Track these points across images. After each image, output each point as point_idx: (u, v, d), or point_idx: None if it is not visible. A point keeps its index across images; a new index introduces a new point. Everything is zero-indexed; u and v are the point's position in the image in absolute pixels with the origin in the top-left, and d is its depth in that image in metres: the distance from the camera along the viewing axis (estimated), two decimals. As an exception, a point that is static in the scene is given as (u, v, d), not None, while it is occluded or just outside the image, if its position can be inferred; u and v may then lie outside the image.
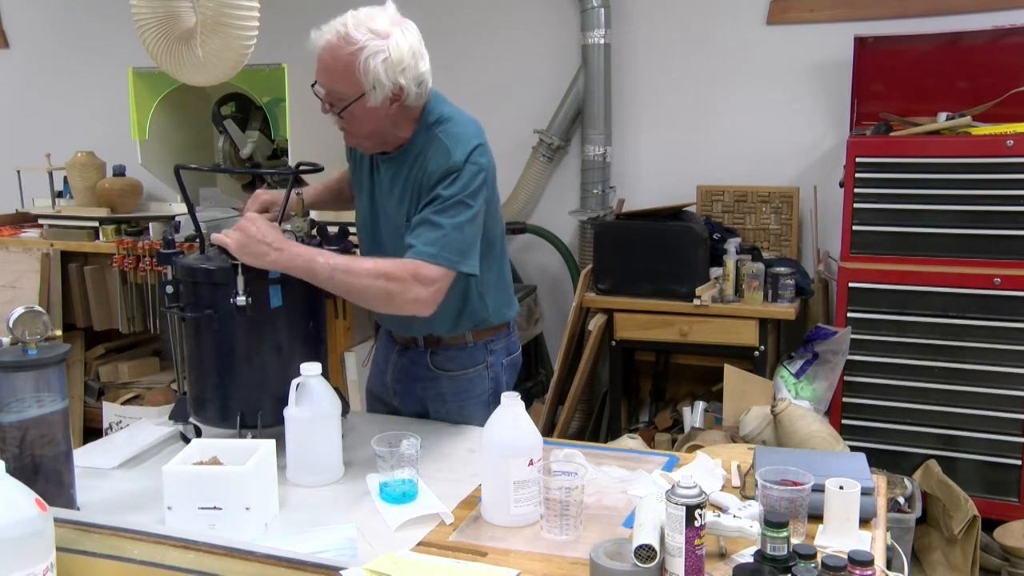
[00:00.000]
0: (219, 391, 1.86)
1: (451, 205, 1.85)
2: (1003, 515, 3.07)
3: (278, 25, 3.10)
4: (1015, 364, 3.05)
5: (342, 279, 1.80)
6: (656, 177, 3.91)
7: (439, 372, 2.10)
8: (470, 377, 2.11)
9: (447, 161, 1.88)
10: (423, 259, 1.82)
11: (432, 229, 1.84)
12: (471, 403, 2.11)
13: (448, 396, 2.11)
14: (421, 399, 2.14)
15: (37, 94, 4.90)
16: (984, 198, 3.03)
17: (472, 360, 2.10)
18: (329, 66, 1.86)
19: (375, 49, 1.82)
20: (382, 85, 1.83)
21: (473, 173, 1.89)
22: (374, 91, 1.84)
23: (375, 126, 1.92)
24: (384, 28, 1.84)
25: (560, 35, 3.94)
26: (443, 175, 1.87)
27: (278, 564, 1.28)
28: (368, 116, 1.89)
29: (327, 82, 1.88)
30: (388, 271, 1.81)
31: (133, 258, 3.61)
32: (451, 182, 1.87)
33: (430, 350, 2.09)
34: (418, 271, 1.81)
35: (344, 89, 1.86)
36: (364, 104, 1.86)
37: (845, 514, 1.50)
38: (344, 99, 1.87)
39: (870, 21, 3.46)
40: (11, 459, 1.47)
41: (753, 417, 3.01)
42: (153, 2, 2.51)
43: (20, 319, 1.53)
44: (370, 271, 1.81)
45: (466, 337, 2.08)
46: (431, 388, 2.11)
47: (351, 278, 1.80)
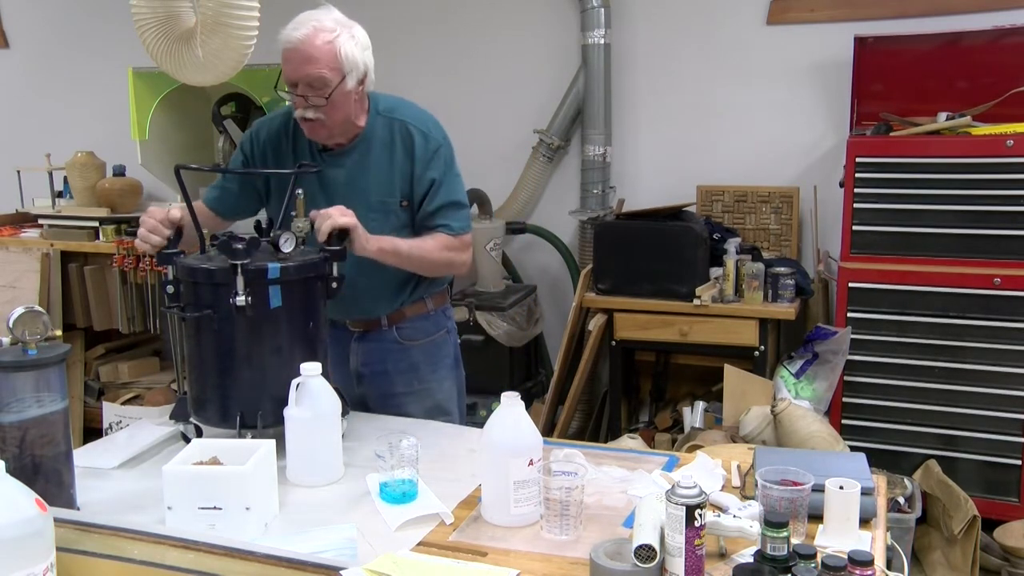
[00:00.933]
0: (219, 391, 1.86)
1: (454, 179, 2.16)
2: (1003, 515, 3.07)
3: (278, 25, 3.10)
4: (1015, 364, 3.05)
5: (418, 255, 2.10)
6: (656, 177, 3.91)
7: (408, 344, 2.25)
8: (436, 343, 2.30)
9: (429, 142, 2.12)
10: (461, 232, 2.15)
11: (456, 207, 2.15)
12: (440, 366, 2.30)
13: (420, 364, 2.26)
14: (390, 377, 2.24)
15: (37, 94, 4.90)
16: (984, 198, 3.03)
17: (436, 326, 2.30)
18: (312, 55, 1.99)
19: (347, 35, 2.02)
20: (356, 67, 2.03)
21: (449, 145, 2.17)
22: (351, 74, 2.02)
23: (347, 112, 2.07)
24: (344, 19, 2.06)
25: (560, 35, 3.94)
26: (432, 156, 2.12)
27: (278, 564, 1.28)
28: (344, 101, 2.04)
29: (313, 71, 2.00)
30: (447, 244, 2.14)
31: (133, 258, 3.61)
32: (442, 161, 2.13)
33: (395, 326, 2.24)
34: (464, 240, 2.17)
35: (328, 74, 2.00)
36: (343, 88, 2.02)
37: (845, 514, 1.50)
38: (328, 85, 2.00)
39: (870, 21, 3.46)
40: (11, 459, 1.47)
41: (753, 417, 3.01)
42: (153, 2, 2.51)
43: (20, 319, 1.53)
44: (436, 247, 2.12)
45: (427, 305, 2.27)
46: (402, 361, 2.24)
47: (423, 252, 2.11)
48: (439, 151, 2.13)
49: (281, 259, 1.85)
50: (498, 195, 3.98)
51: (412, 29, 4.16)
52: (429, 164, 2.11)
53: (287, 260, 1.85)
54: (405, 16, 4.15)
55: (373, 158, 2.13)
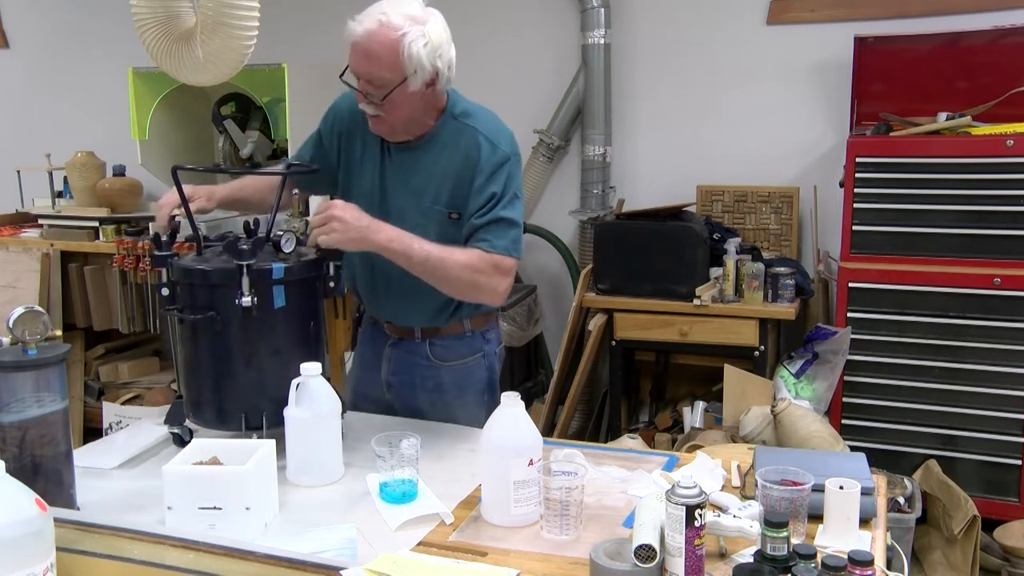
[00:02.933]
0: (219, 393, 1.86)
1: (511, 199, 1.97)
2: (1003, 515, 3.07)
3: (278, 25, 3.11)
4: (1015, 364, 3.05)
5: (435, 265, 1.89)
6: (656, 177, 3.90)
7: (438, 363, 2.12)
8: (468, 366, 2.14)
9: (497, 154, 1.97)
10: (502, 253, 1.94)
11: (505, 226, 1.95)
12: (469, 392, 2.14)
13: (447, 386, 2.13)
14: (417, 391, 2.14)
15: (37, 94, 4.90)
16: (984, 198, 3.03)
17: (470, 349, 2.13)
18: (372, 52, 1.88)
19: (416, 34, 1.87)
20: (423, 69, 1.89)
21: (517, 163, 2.02)
22: (415, 75, 1.89)
23: (410, 112, 1.96)
24: (420, 14, 1.91)
25: (560, 35, 3.94)
26: (497, 168, 1.96)
27: (278, 564, 1.28)
28: (406, 102, 1.92)
29: (370, 69, 1.89)
30: (474, 264, 1.92)
31: (133, 258, 3.61)
32: (505, 176, 1.97)
33: (428, 340, 2.11)
34: (500, 264, 1.94)
35: (387, 75, 1.88)
36: (405, 89, 1.90)
37: (845, 514, 1.50)
38: (386, 85, 1.89)
39: (870, 21, 3.46)
40: (11, 459, 1.47)
41: (753, 417, 3.01)
42: (153, 2, 2.51)
43: (20, 319, 1.53)
44: (460, 262, 1.91)
45: (464, 326, 2.12)
46: (430, 379, 2.13)
47: (444, 266, 1.90)
48: (504, 165, 1.97)
49: (283, 259, 1.85)
50: (498, 195, 3.98)
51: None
52: (491, 177, 1.96)
53: (289, 260, 1.85)
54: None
55: (434, 161, 2.01)
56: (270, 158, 4.00)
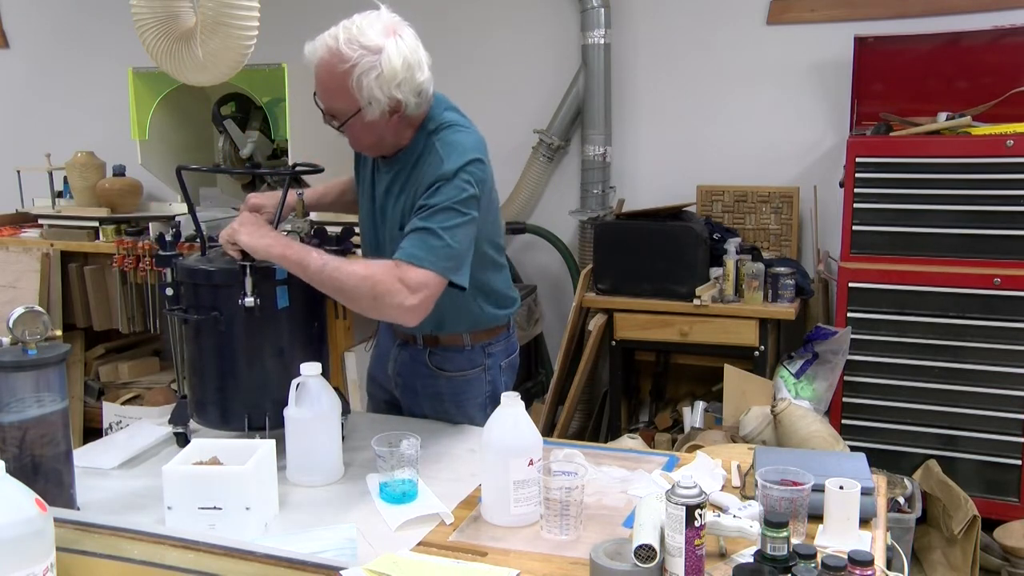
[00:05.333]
0: (222, 393, 1.86)
1: (439, 211, 1.81)
2: (1003, 515, 3.07)
3: (278, 25, 3.10)
4: (1015, 364, 3.05)
5: (331, 275, 1.76)
6: (656, 177, 3.90)
7: (437, 372, 2.09)
8: (468, 379, 2.10)
9: (438, 170, 1.84)
10: (410, 261, 1.76)
11: (425, 235, 1.79)
12: (468, 404, 2.11)
13: (446, 396, 2.11)
14: (419, 396, 2.14)
15: (37, 94, 4.90)
16: (984, 198, 3.03)
17: (470, 362, 2.09)
18: (324, 83, 1.85)
19: (367, 66, 1.78)
20: (377, 100, 1.81)
21: (464, 181, 1.84)
22: (370, 106, 1.82)
23: (377, 136, 1.91)
24: (376, 42, 1.80)
25: (560, 35, 3.94)
26: (433, 182, 1.84)
27: (278, 564, 1.28)
28: (368, 129, 1.88)
29: (324, 99, 1.87)
30: (375, 273, 1.76)
31: (133, 258, 3.61)
32: (439, 190, 1.83)
33: (428, 349, 2.08)
34: (404, 274, 1.76)
35: (341, 106, 1.84)
36: (362, 119, 1.85)
37: (845, 514, 1.50)
38: (342, 115, 1.86)
39: (870, 21, 3.46)
40: (11, 459, 1.47)
41: (753, 417, 3.01)
42: (153, 2, 2.51)
43: (20, 319, 1.53)
44: (357, 272, 1.76)
45: (463, 339, 2.07)
46: (429, 387, 2.11)
47: (340, 276, 1.76)
48: (441, 179, 1.83)
49: None
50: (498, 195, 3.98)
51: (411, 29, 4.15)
52: (427, 190, 1.84)
53: None
54: (404, 16, 4.14)
55: (408, 175, 1.94)
56: (270, 158, 4.00)
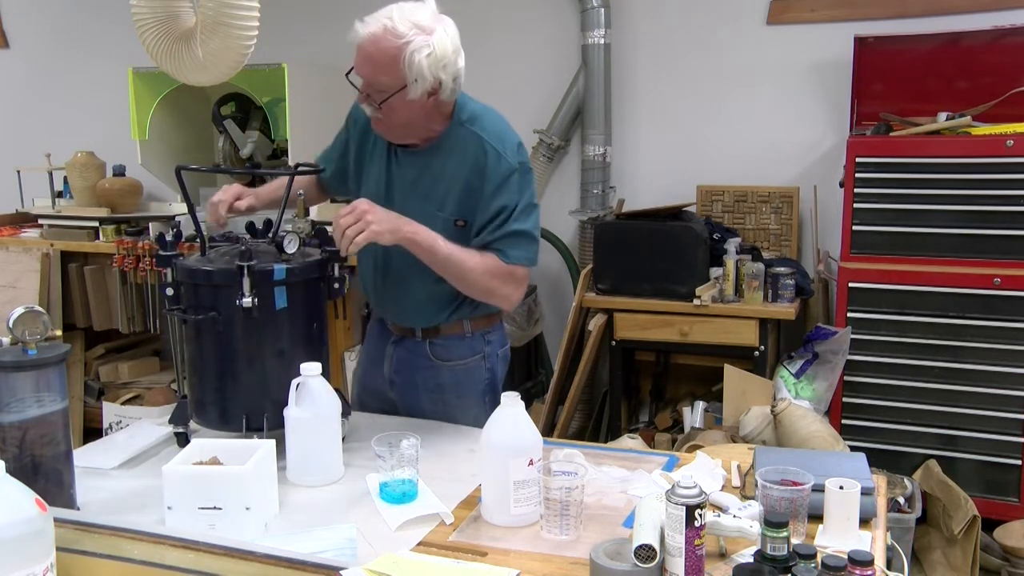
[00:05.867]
0: (221, 393, 1.86)
1: (526, 209, 1.99)
2: (1003, 515, 3.07)
3: (278, 25, 3.11)
4: (1015, 364, 3.05)
5: (456, 265, 1.93)
6: (656, 177, 3.90)
7: (439, 362, 2.12)
8: (468, 367, 2.14)
9: (504, 164, 1.96)
10: (515, 263, 1.98)
11: (519, 238, 1.98)
12: (468, 393, 2.15)
13: (447, 386, 2.14)
14: (419, 390, 2.15)
15: (37, 94, 4.90)
16: (984, 198, 3.03)
17: (470, 350, 2.14)
18: (373, 57, 1.88)
19: (420, 44, 1.86)
20: (424, 79, 1.87)
21: (527, 171, 2.01)
22: (415, 84, 1.88)
23: (409, 118, 1.95)
24: (428, 23, 1.89)
25: (560, 35, 3.94)
26: (505, 179, 1.96)
27: (278, 564, 1.28)
28: (405, 108, 1.92)
29: (370, 73, 1.90)
30: (492, 269, 1.96)
31: (133, 258, 3.61)
32: (517, 186, 1.97)
33: (428, 340, 2.12)
34: (514, 273, 1.99)
35: (387, 80, 1.89)
36: (404, 96, 1.89)
37: (845, 514, 1.50)
38: (385, 91, 1.90)
39: (870, 21, 3.46)
40: (11, 459, 1.47)
41: (753, 417, 3.01)
42: (153, 2, 2.51)
43: (20, 319, 1.53)
44: (479, 265, 1.95)
45: (464, 327, 2.12)
46: (430, 379, 2.14)
47: (464, 266, 1.94)
48: (511, 177, 1.97)
49: (285, 260, 1.85)
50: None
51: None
52: (499, 190, 1.96)
53: (292, 261, 1.85)
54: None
55: (441, 167, 2.01)
56: (270, 158, 4.00)
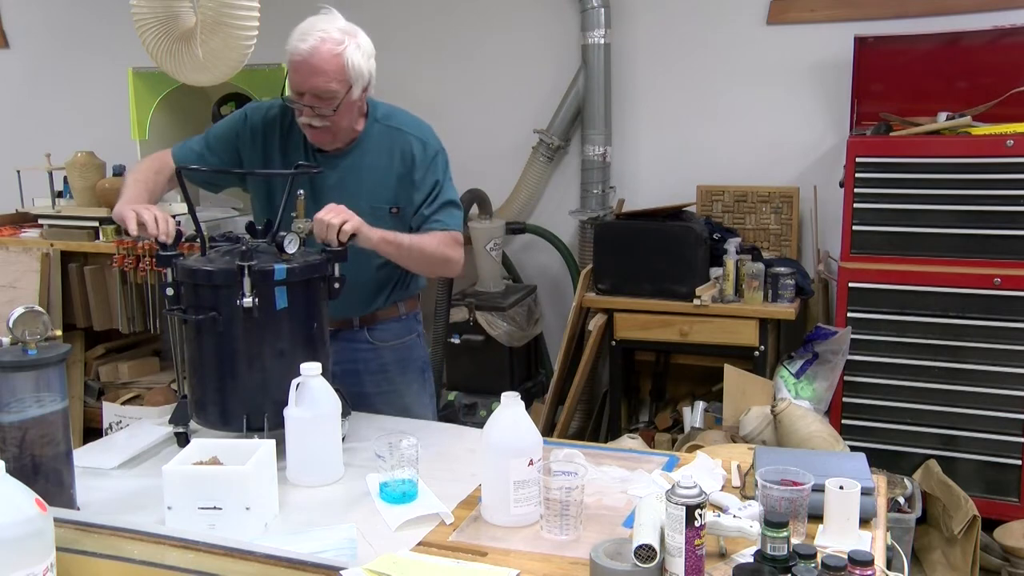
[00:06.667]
0: (221, 394, 1.86)
1: (448, 183, 2.20)
2: (1003, 515, 3.07)
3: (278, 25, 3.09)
4: (1015, 364, 3.05)
5: (418, 248, 2.10)
6: (656, 177, 3.91)
7: (380, 344, 2.28)
8: (408, 345, 2.33)
9: (428, 148, 2.17)
10: (456, 229, 2.18)
11: (453, 207, 2.19)
12: (411, 370, 2.33)
13: (390, 366, 2.29)
14: (361, 375, 2.25)
15: (37, 94, 4.90)
16: (984, 198, 3.03)
17: (407, 329, 2.33)
18: (320, 68, 2.00)
19: (354, 45, 2.03)
20: (362, 76, 2.05)
21: (444, 151, 2.22)
22: (356, 83, 2.04)
23: (350, 120, 2.10)
24: (348, 27, 2.06)
25: (560, 35, 3.94)
26: (432, 160, 2.16)
27: (278, 564, 1.28)
28: (348, 109, 2.07)
29: (321, 84, 2.00)
30: (442, 240, 2.15)
31: (133, 258, 3.61)
32: (438, 166, 2.18)
33: (366, 327, 2.26)
34: (457, 238, 2.20)
35: (335, 87, 2.01)
36: (350, 98, 2.05)
37: (845, 514, 1.50)
38: (335, 97, 2.02)
39: (870, 21, 3.46)
40: (11, 459, 1.47)
41: (753, 417, 3.01)
42: (153, 2, 2.51)
43: (20, 319, 1.53)
44: (431, 241, 2.13)
45: (399, 309, 2.30)
46: (373, 361, 2.26)
47: (424, 247, 2.11)
48: (437, 157, 2.18)
49: (286, 260, 1.85)
50: (498, 195, 3.98)
51: (411, 29, 4.15)
52: (429, 170, 2.16)
53: (292, 261, 1.85)
54: (404, 16, 4.15)
55: (367, 163, 2.16)
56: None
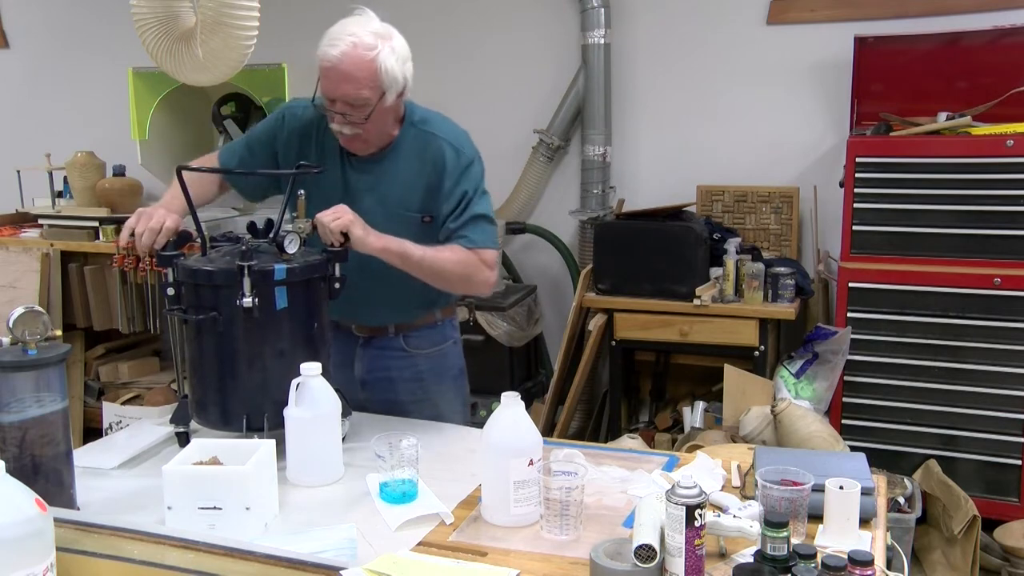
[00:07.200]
0: (222, 393, 1.86)
1: (480, 196, 2.08)
2: (1003, 515, 3.07)
3: (278, 25, 3.11)
4: (1015, 364, 3.05)
5: (430, 263, 1.99)
6: (656, 177, 3.90)
7: (415, 352, 2.21)
8: (444, 352, 2.25)
9: (461, 157, 2.05)
10: (483, 247, 2.05)
11: (483, 221, 2.06)
12: (446, 377, 2.26)
13: (425, 374, 2.22)
14: (394, 385, 2.20)
15: (37, 94, 4.90)
16: (984, 198, 3.03)
17: (443, 336, 2.25)
18: (351, 75, 1.92)
19: (388, 50, 1.95)
20: (396, 82, 1.96)
21: (480, 162, 2.10)
22: (390, 90, 1.96)
23: (384, 125, 2.03)
24: (383, 30, 1.98)
25: (560, 35, 3.94)
26: (464, 170, 2.05)
27: (278, 564, 1.28)
28: (382, 116, 1.99)
29: (351, 91, 1.93)
30: (464, 259, 2.03)
31: (133, 258, 3.60)
32: (473, 177, 2.06)
33: (402, 334, 2.19)
34: (483, 256, 2.05)
35: (367, 93, 1.93)
36: (383, 105, 1.96)
37: (845, 514, 1.50)
38: (368, 104, 1.94)
39: (870, 21, 3.46)
40: (11, 459, 1.47)
41: (753, 417, 3.01)
42: (153, 2, 2.51)
43: (20, 319, 1.53)
44: (451, 259, 2.01)
45: (435, 316, 2.22)
46: (407, 369, 2.20)
47: (439, 263, 2.00)
48: (471, 167, 2.07)
49: (286, 260, 1.85)
50: (498, 195, 3.97)
51: (411, 28, 4.13)
52: (460, 179, 2.05)
53: (292, 261, 1.85)
54: (404, 16, 4.12)
55: (401, 168, 2.07)
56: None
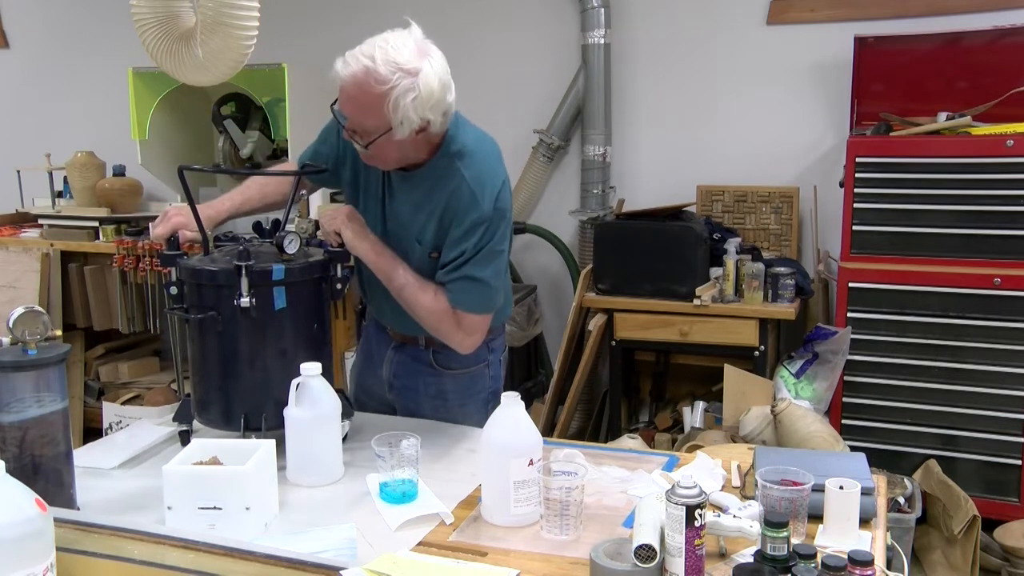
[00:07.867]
0: (223, 393, 1.86)
1: (486, 256, 1.90)
2: (1003, 515, 3.07)
3: (278, 25, 3.11)
4: (1015, 364, 3.05)
5: (408, 296, 1.93)
6: (656, 177, 3.91)
7: (442, 370, 2.11)
8: (472, 374, 2.13)
9: (475, 210, 1.87)
10: (467, 311, 1.92)
11: (473, 284, 1.90)
12: (472, 401, 2.14)
13: (450, 394, 2.12)
14: (420, 396, 2.14)
15: (37, 94, 4.90)
16: (984, 198, 3.03)
17: (475, 359, 2.10)
18: (356, 99, 1.79)
19: (405, 88, 1.75)
20: (410, 120, 1.78)
21: (500, 218, 1.92)
22: (401, 126, 1.78)
23: (400, 155, 1.88)
24: (412, 63, 1.77)
25: (560, 35, 3.94)
26: (473, 225, 1.88)
27: (278, 564, 1.28)
28: (392, 147, 1.84)
29: (353, 114, 1.81)
30: (441, 313, 1.92)
31: (133, 258, 3.61)
32: (482, 233, 1.88)
33: (432, 349, 2.09)
34: (462, 321, 1.93)
35: (372, 124, 1.80)
36: (391, 138, 1.81)
37: (845, 514, 1.50)
38: (371, 133, 1.81)
39: (870, 21, 3.46)
40: (11, 459, 1.47)
41: (753, 417, 3.01)
42: (153, 2, 2.51)
43: (20, 319, 1.53)
44: (428, 307, 1.92)
45: None
46: (432, 385, 2.12)
47: (414, 302, 1.93)
48: (480, 225, 1.88)
49: (286, 260, 1.85)
50: (498, 195, 3.98)
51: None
52: (466, 234, 1.88)
53: (292, 262, 1.85)
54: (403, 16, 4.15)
55: (423, 196, 1.93)
56: (270, 158, 4.00)
